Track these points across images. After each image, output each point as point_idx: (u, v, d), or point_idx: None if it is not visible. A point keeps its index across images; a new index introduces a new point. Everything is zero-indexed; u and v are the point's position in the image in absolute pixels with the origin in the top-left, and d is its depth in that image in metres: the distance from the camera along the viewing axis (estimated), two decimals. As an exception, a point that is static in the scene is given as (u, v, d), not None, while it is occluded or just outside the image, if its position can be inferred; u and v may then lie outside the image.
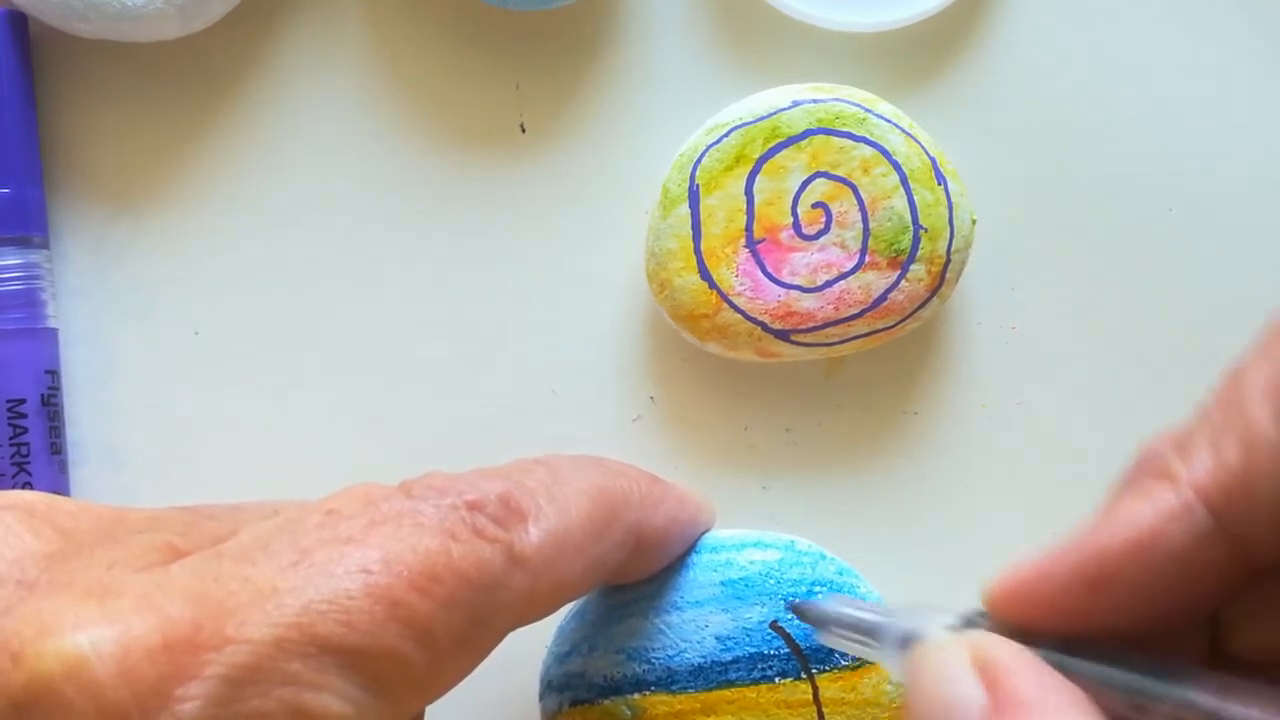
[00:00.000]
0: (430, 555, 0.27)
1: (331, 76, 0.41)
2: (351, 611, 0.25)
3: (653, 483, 0.33)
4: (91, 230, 0.41)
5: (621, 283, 0.42)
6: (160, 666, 0.24)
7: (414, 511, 0.27)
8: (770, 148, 0.39)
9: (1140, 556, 0.26)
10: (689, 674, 0.34)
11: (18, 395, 0.39)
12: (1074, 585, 0.27)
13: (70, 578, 0.26)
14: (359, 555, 0.26)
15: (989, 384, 0.42)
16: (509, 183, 0.42)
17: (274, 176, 0.41)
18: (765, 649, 0.34)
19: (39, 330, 0.40)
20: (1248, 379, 0.26)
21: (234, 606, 0.25)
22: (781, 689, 0.34)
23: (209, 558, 0.26)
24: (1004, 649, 0.26)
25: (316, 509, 0.27)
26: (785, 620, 0.34)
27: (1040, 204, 0.42)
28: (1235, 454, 0.26)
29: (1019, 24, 0.42)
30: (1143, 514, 0.26)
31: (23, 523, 0.28)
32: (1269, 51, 0.42)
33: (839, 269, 0.39)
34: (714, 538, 0.35)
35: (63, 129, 0.41)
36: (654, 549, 0.34)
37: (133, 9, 0.38)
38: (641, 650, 0.34)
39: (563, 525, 0.29)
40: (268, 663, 0.25)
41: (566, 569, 0.29)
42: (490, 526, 0.28)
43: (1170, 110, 0.42)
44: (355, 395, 0.41)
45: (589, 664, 0.34)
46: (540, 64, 0.42)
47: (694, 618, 0.34)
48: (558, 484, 0.30)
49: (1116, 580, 0.26)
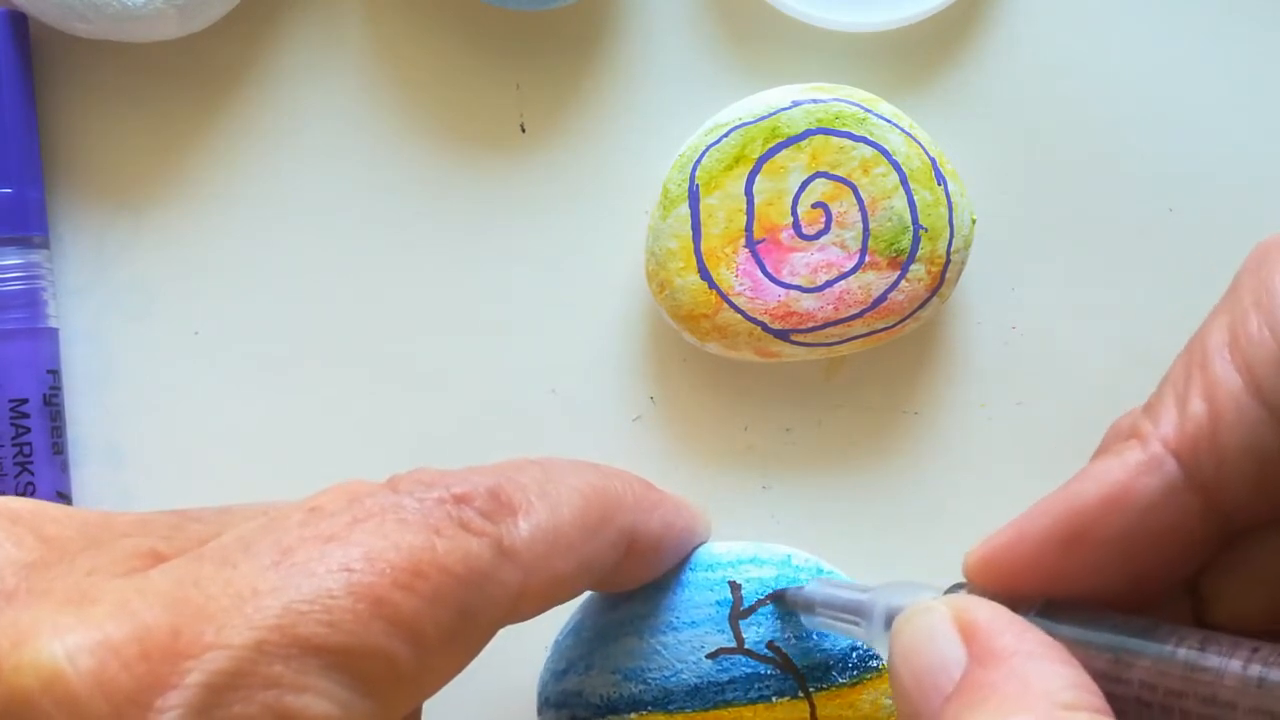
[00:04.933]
0: (414, 551, 0.26)
1: (331, 76, 0.41)
2: (334, 611, 0.25)
3: (648, 488, 0.33)
4: (91, 230, 0.41)
5: (621, 283, 0.42)
6: (138, 676, 0.24)
7: (397, 507, 0.27)
8: (770, 148, 0.39)
9: (1113, 512, 0.26)
10: (686, 694, 0.34)
11: (20, 395, 0.39)
12: (1049, 545, 0.27)
13: (49, 585, 0.25)
14: (340, 553, 0.25)
15: (989, 384, 0.42)
16: (509, 183, 0.42)
17: (274, 176, 0.41)
18: (762, 669, 0.34)
19: (40, 330, 0.40)
20: (1209, 339, 0.27)
21: (214, 611, 0.24)
22: (779, 708, 0.34)
23: (190, 561, 0.26)
24: (983, 607, 0.26)
25: (300, 507, 0.27)
26: (781, 640, 0.34)
27: (1040, 204, 0.42)
28: (1200, 406, 0.26)
29: (1019, 24, 0.42)
30: (1112, 470, 0.27)
31: (4, 530, 0.27)
32: (1269, 51, 0.42)
33: (839, 269, 0.39)
34: (710, 554, 0.35)
35: (62, 129, 0.41)
36: (648, 554, 0.33)
37: (133, 9, 0.38)
38: (638, 670, 0.34)
39: (554, 521, 0.29)
40: (249, 667, 0.24)
41: (558, 565, 0.29)
42: (477, 520, 0.27)
43: (1170, 110, 0.42)
44: (355, 395, 0.41)
45: (586, 683, 0.34)
46: (540, 64, 0.42)
47: (690, 638, 0.34)
48: (550, 480, 0.30)
49: (1091, 537, 0.26)
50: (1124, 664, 0.25)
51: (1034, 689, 0.24)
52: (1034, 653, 0.25)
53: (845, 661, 0.34)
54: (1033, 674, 0.24)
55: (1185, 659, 0.25)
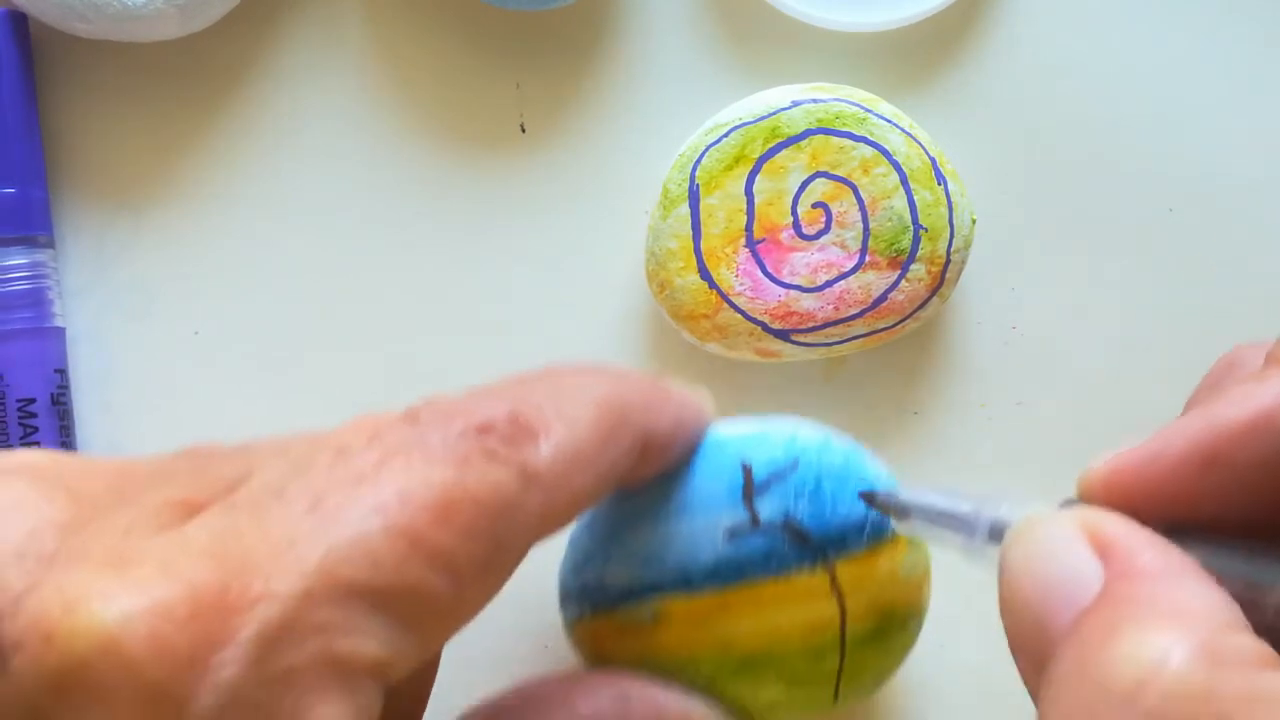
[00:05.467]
0: (445, 486, 0.26)
1: (331, 76, 0.41)
2: (373, 552, 0.25)
3: (656, 386, 0.33)
4: (91, 230, 0.41)
5: (621, 283, 0.42)
6: (191, 636, 0.24)
7: (422, 443, 0.27)
8: (770, 148, 0.39)
9: (1257, 436, 0.26)
10: (705, 575, 0.33)
11: (27, 395, 0.39)
12: (1187, 466, 0.26)
13: (88, 546, 0.25)
14: (373, 494, 0.26)
15: (989, 384, 0.42)
16: (509, 183, 0.42)
17: (274, 176, 0.41)
18: (779, 543, 0.34)
19: (47, 329, 0.40)
20: None
21: (257, 562, 0.24)
22: (799, 580, 0.34)
23: (224, 512, 0.26)
24: (1117, 522, 0.25)
25: (324, 447, 0.27)
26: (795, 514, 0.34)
27: (1040, 204, 0.42)
28: None
29: (1019, 24, 0.42)
30: (1261, 394, 0.26)
31: (34, 488, 0.27)
32: (1269, 51, 0.42)
33: (839, 269, 0.39)
34: (717, 436, 0.35)
35: (62, 129, 0.41)
36: (661, 452, 0.33)
37: (133, 9, 0.38)
38: (656, 556, 0.34)
39: (572, 439, 0.29)
40: (298, 616, 0.24)
41: (580, 481, 0.29)
42: (502, 449, 0.27)
43: (1170, 110, 0.42)
44: (355, 395, 0.41)
45: (605, 572, 0.34)
46: (540, 64, 0.42)
47: (704, 520, 0.34)
48: (564, 396, 0.29)
49: (1231, 460, 0.26)
50: (1259, 591, 0.25)
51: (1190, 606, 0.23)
52: (1182, 570, 0.24)
53: (861, 529, 0.34)
54: (1184, 591, 0.24)
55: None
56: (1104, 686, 0.23)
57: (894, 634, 0.35)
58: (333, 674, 0.24)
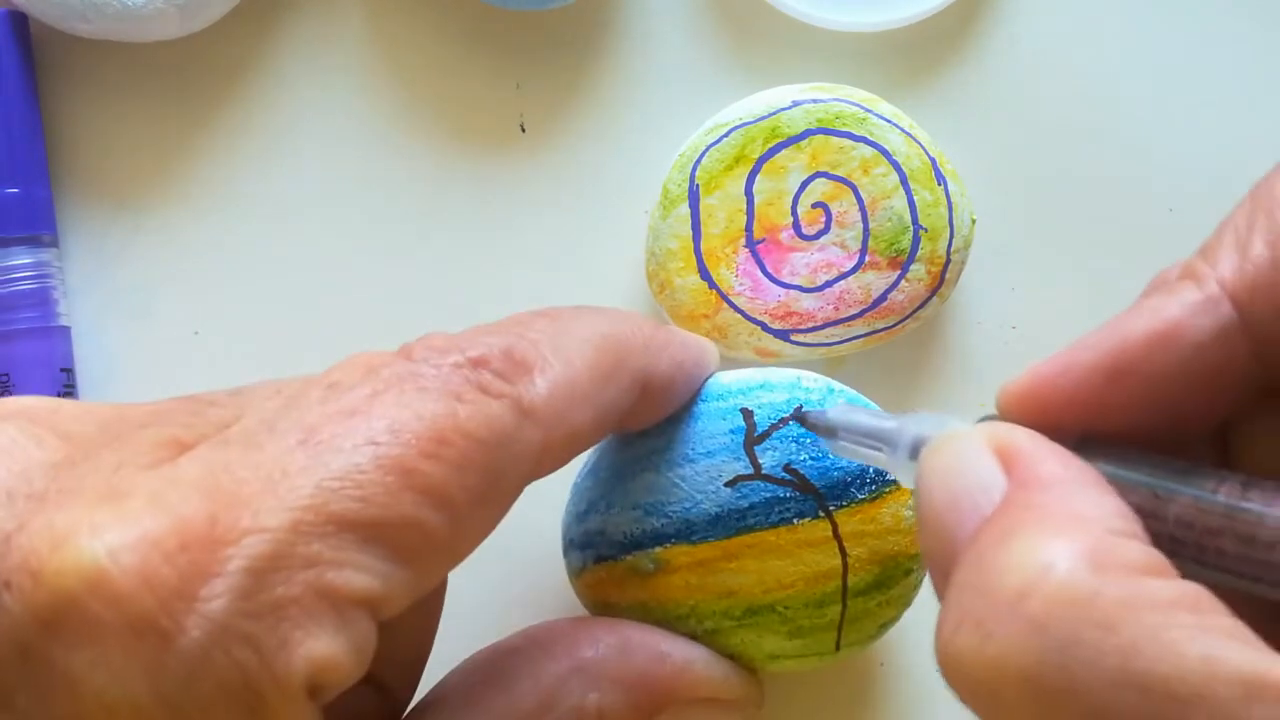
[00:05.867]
0: (437, 419, 0.26)
1: (331, 76, 0.41)
2: (365, 485, 0.25)
3: (656, 328, 0.33)
4: (92, 230, 0.41)
5: (621, 283, 0.42)
6: (180, 568, 0.24)
7: (415, 375, 0.27)
8: (770, 148, 0.39)
9: (1163, 347, 0.26)
10: (707, 524, 0.34)
11: (35, 394, 0.39)
12: (1094, 377, 0.26)
13: (78, 484, 0.25)
14: (365, 427, 0.25)
15: (989, 384, 0.42)
16: (509, 183, 0.42)
17: (274, 176, 0.41)
18: (781, 492, 0.34)
19: (52, 329, 0.40)
20: (1275, 188, 0.26)
21: (247, 495, 0.24)
22: (801, 529, 0.34)
23: (216, 446, 0.26)
24: (1023, 435, 0.26)
25: (318, 383, 0.27)
26: (797, 462, 0.34)
27: (1040, 204, 0.42)
28: (1262, 250, 0.26)
29: (1019, 24, 0.42)
30: (1166, 307, 0.26)
31: (25, 432, 0.27)
32: (1269, 51, 0.42)
33: (839, 269, 0.39)
34: (719, 384, 0.35)
35: (62, 129, 0.41)
36: (660, 394, 0.33)
37: (133, 9, 0.38)
38: (658, 504, 0.34)
39: (569, 375, 0.29)
40: (288, 548, 0.24)
41: (577, 418, 0.29)
42: (496, 382, 0.27)
43: (1170, 110, 0.42)
44: (355, 395, 0.41)
45: (608, 521, 0.34)
46: (540, 64, 0.42)
47: (707, 468, 0.34)
48: (561, 334, 0.29)
49: (1138, 371, 0.26)
50: (1161, 501, 0.25)
51: (1082, 513, 0.24)
52: (1080, 480, 0.24)
53: (863, 478, 0.34)
54: (1079, 500, 0.24)
55: (1226, 499, 0.24)
56: (992, 593, 0.23)
57: (896, 583, 0.35)
58: (323, 607, 0.24)
